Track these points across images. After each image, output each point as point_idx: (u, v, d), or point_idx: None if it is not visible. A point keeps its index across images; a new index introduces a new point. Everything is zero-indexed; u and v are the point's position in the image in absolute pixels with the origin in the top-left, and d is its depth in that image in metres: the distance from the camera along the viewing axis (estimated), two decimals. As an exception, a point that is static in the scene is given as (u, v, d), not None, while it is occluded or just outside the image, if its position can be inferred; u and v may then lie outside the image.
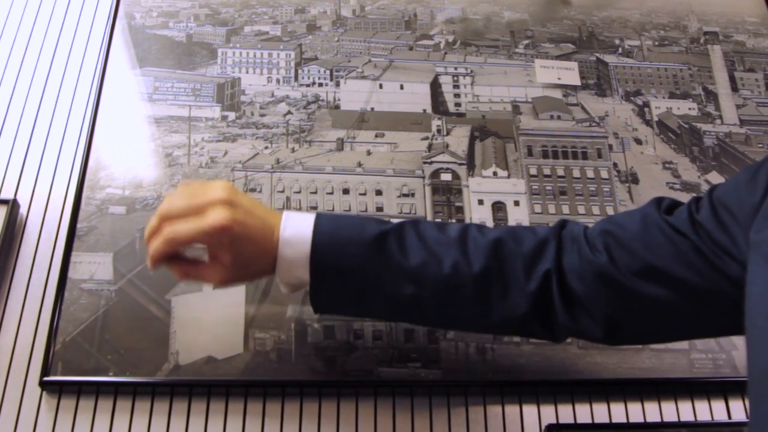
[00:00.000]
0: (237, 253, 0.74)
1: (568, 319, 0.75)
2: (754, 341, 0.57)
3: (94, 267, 0.98)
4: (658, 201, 0.77)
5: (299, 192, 1.08)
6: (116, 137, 1.07)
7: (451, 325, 0.88)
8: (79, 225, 1.00)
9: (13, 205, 0.98)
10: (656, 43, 1.36)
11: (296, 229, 0.77)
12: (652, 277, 0.72)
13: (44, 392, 0.89)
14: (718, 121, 1.26)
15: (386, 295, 0.77)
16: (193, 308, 0.96)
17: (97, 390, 0.90)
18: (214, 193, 0.74)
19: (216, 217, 0.72)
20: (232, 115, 1.13)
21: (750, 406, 0.56)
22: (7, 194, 1.01)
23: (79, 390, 0.90)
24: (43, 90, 1.11)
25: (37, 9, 1.20)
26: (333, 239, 0.76)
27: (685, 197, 0.88)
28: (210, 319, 0.95)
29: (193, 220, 0.73)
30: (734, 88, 1.30)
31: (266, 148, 1.11)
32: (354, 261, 0.76)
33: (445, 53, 1.28)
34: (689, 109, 1.27)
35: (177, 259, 0.77)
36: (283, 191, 1.07)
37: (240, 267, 0.76)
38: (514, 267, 0.76)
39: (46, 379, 0.88)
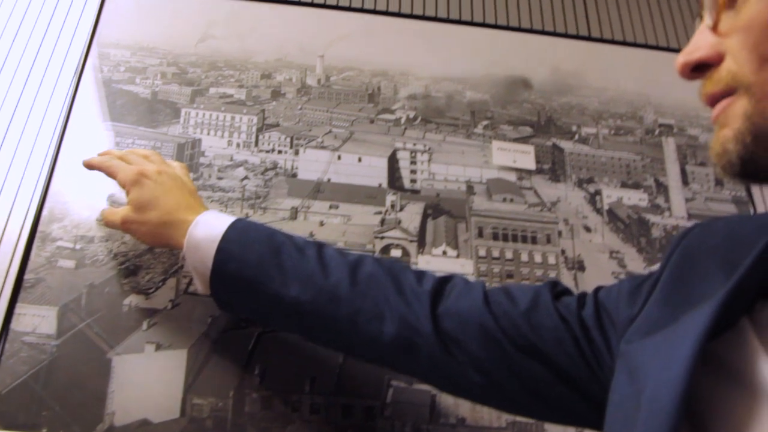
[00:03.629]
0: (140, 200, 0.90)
1: (442, 351, 0.78)
2: None
3: (37, 320, 0.97)
4: (553, 284, 0.81)
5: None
6: (73, 190, 1.07)
7: (326, 338, 0.88)
8: (26, 276, 0.99)
9: (-41, 254, 0.98)
10: (612, 131, 1.39)
11: (215, 217, 0.88)
12: (532, 354, 0.75)
13: (-27, 448, 0.88)
14: (667, 214, 1.29)
15: (274, 293, 0.82)
16: (133, 369, 0.95)
17: (27, 449, 0.89)
18: (160, 163, 0.96)
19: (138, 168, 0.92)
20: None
21: None
22: (-44, 243, 1.01)
23: (9, 448, 0.89)
24: (5, 136, 1.11)
25: (7, 52, 1.20)
26: (242, 234, 0.85)
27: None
28: (149, 382, 0.95)
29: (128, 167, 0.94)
30: (685, 182, 1.34)
31: (221, 211, 1.11)
32: (253, 256, 0.83)
33: (405, 128, 1.30)
34: (639, 199, 1.30)
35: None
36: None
37: (139, 211, 0.90)
38: (395, 292, 0.81)
39: (-25, 434, 0.87)
